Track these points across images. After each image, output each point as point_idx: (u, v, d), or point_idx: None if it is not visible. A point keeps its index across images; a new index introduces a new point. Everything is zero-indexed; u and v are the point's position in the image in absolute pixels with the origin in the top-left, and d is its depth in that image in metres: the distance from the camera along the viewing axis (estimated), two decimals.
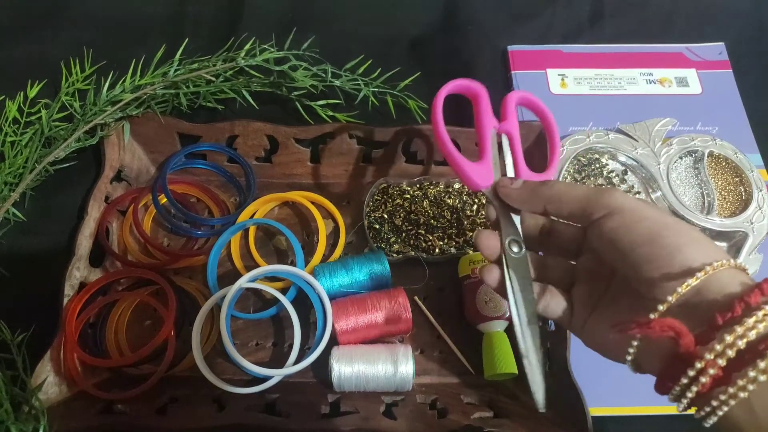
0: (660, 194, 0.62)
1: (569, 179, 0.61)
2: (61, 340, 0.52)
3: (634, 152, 0.63)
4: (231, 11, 0.78)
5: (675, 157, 0.64)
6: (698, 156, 0.64)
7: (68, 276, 0.54)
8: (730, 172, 0.64)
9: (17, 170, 0.61)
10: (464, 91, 0.52)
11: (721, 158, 0.65)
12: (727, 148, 0.65)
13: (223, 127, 0.63)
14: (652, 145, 0.64)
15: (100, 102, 0.62)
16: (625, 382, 0.57)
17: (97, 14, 0.78)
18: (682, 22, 0.80)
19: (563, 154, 0.62)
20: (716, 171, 0.64)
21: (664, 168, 0.63)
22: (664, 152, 0.64)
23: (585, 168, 0.62)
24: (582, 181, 0.62)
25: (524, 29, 0.79)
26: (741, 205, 0.62)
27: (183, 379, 0.54)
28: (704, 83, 0.74)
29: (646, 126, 0.65)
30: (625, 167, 0.64)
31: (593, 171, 0.63)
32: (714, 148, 0.65)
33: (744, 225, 0.60)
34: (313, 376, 0.55)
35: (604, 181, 0.62)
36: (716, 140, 0.65)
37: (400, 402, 0.52)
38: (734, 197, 0.63)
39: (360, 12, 0.80)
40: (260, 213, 0.63)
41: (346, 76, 0.66)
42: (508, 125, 0.49)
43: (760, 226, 0.60)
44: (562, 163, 0.62)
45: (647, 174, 0.63)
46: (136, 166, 0.64)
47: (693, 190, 0.64)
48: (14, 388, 0.47)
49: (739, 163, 0.64)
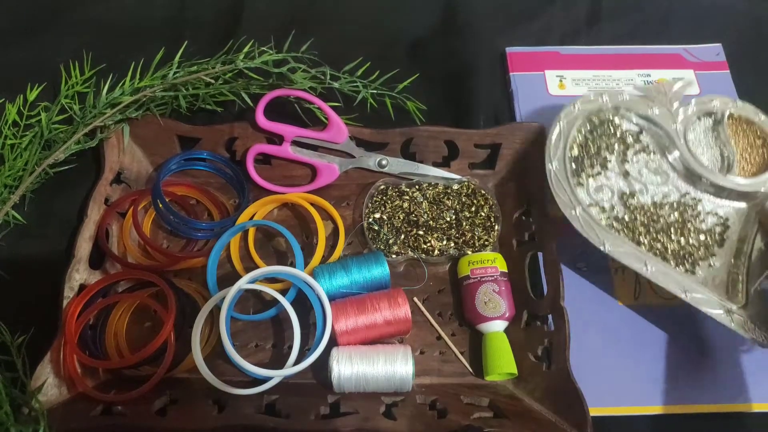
0: (677, 154, 0.59)
1: (580, 139, 0.59)
2: (60, 342, 0.52)
3: (650, 112, 0.60)
4: (230, 14, 0.78)
5: (693, 117, 0.61)
6: (717, 117, 0.61)
7: (68, 278, 0.54)
8: (752, 133, 0.62)
9: (17, 173, 0.61)
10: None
11: (742, 119, 0.62)
12: (749, 110, 0.62)
13: (222, 129, 0.63)
14: (669, 105, 0.61)
15: (99, 104, 0.62)
16: (625, 382, 0.57)
17: (97, 18, 0.78)
18: (680, 24, 0.80)
19: (574, 113, 0.59)
20: (737, 132, 0.62)
21: (681, 128, 0.60)
22: (682, 113, 0.61)
23: (598, 128, 0.60)
24: (594, 141, 0.59)
25: (522, 31, 0.79)
26: (764, 166, 0.60)
27: (183, 381, 0.54)
28: (702, 84, 0.75)
29: (662, 87, 0.62)
30: (640, 127, 0.61)
31: (606, 131, 0.60)
32: (734, 109, 0.62)
33: (765, 185, 0.58)
34: (312, 377, 0.55)
35: (618, 142, 0.60)
36: (737, 102, 0.62)
37: (400, 402, 0.52)
38: (756, 158, 0.61)
39: (359, 14, 0.80)
40: (259, 215, 0.63)
41: (344, 78, 0.67)
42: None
43: None
44: (572, 123, 0.59)
45: (663, 134, 0.60)
46: (135, 169, 0.64)
47: (711, 150, 0.61)
48: (14, 390, 0.47)
49: (761, 124, 0.61)
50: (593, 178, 0.58)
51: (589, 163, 0.58)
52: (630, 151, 0.60)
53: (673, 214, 0.58)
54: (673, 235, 0.57)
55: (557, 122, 0.59)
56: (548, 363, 0.53)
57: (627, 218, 0.57)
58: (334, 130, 0.62)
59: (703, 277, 0.56)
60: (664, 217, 0.57)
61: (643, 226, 0.57)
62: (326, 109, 0.62)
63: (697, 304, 0.52)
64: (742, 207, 0.59)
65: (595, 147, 0.59)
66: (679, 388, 0.56)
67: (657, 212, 0.58)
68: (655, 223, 0.57)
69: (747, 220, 0.58)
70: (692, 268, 0.56)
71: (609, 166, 0.59)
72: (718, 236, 0.58)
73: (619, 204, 0.58)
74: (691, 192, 0.59)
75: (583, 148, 0.59)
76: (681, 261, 0.56)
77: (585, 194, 0.57)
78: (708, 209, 0.59)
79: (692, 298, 0.53)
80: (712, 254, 0.57)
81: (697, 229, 0.58)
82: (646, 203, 0.58)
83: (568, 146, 0.58)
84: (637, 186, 0.59)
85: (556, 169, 0.57)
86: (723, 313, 0.53)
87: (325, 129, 0.63)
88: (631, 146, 0.60)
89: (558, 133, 0.58)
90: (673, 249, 0.56)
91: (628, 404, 0.56)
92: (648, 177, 0.59)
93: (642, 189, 0.59)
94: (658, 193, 0.59)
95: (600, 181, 0.58)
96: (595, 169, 0.59)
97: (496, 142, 0.63)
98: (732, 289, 0.55)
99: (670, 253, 0.56)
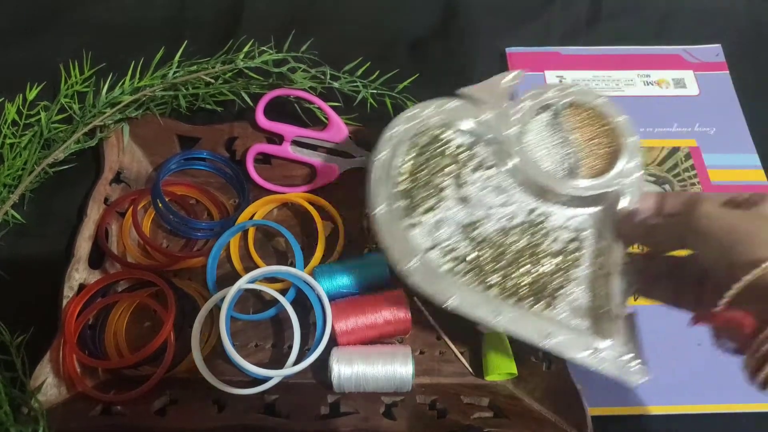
0: (516, 162, 0.49)
1: (409, 167, 0.49)
2: (60, 342, 0.52)
3: (480, 117, 0.50)
4: (230, 14, 0.78)
5: (529, 115, 0.51)
6: (556, 109, 0.52)
7: (67, 277, 0.54)
8: (597, 120, 0.52)
9: (16, 172, 0.61)
10: None
11: (582, 107, 0.52)
12: (588, 94, 0.52)
13: (222, 129, 0.63)
14: (499, 106, 0.51)
15: (99, 104, 0.62)
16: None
17: (97, 17, 0.78)
18: (679, 24, 0.80)
19: (397, 136, 0.50)
20: (581, 123, 0.52)
21: (515, 131, 0.50)
22: (514, 113, 0.51)
23: (426, 149, 0.50)
24: (425, 166, 0.49)
25: (522, 31, 0.79)
26: (613, 157, 0.50)
27: (182, 381, 0.54)
28: (701, 85, 0.75)
29: (490, 84, 0.52)
30: (473, 139, 0.51)
31: (437, 151, 0.50)
32: (572, 96, 0.52)
33: (616, 181, 0.48)
34: (312, 377, 0.55)
35: (451, 161, 0.50)
36: (572, 87, 0.52)
37: (400, 402, 0.52)
38: (603, 151, 0.51)
39: (359, 14, 0.80)
40: (259, 214, 0.63)
41: (344, 78, 0.67)
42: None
43: (634, 179, 0.48)
44: (396, 149, 0.50)
45: (498, 141, 0.50)
46: (135, 168, 0.64)
47: (556, 150, 0.51)
48: (14, 390, 0.47)
49: (603, 107, 0.51)
50: (431, 212, 0.49)
51: (423, 195, 0.49)
52: (466, 170, 0.50)
53: (522, 239, 0.48)
54: (524, 266, 0.47)
55: (377, 154, 0.49)
56: (548, 363, 0.53)
57: (472, 256, 0.47)
58: (334, 130, 0.62)
59: (566, 309, 0.46)
60: (512, 245, 0.48)
61: (492, 263, 0.47)
62: (326, 108, 0.62)
63: (558, 350, 0.44)
64: (597, 211, 0.49)
65: (428, 173, 0.49)
66: (680, 388, 0.56)
67: (504, 241, 0.48)
68: (504, 255, 0.48)
69: (604, 228, 0.48)
70: (551, 302, 0.46)
71: (445, 193, 0.49)
72: (574, 254, 0.48)
73: (462, 239, 0.48)
74: (539, 207, 0.49)
75: (414, 177, 0.49)
76: (538, 297, 0.46)
77: (423, 236, 0.48)
78: (559, 223, 0.49)
79: (551, 345, 0.44)
80: (570, 280, 0.47)
81: (549, 251, 0.48)
82: (491, 232, 0.48)
83: (393, 180, 0.48)
84: (479, 212, 0.49)
85: (381, 213, 0.47)
86: (589, 354, 0.44)
87: (325, 129, 0.63)
88: (465, 164, 0.50)
89: (380, 167, 0.49)
90: (528, 283, 0.47)
91: (628, 404, 0.56)
92: (489, 198, 0.49)
93: (485, 215, 0.49)
94: (503, 217, 0.49)
95: (438, 214, 0.49)
96: (430, 201, 0.49)
97: None
98: (598, 318, 0.46)
99: (524, 289, 0.47)
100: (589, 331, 0.46)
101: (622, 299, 0.45)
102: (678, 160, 0.69)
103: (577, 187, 0.49)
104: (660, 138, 0.71)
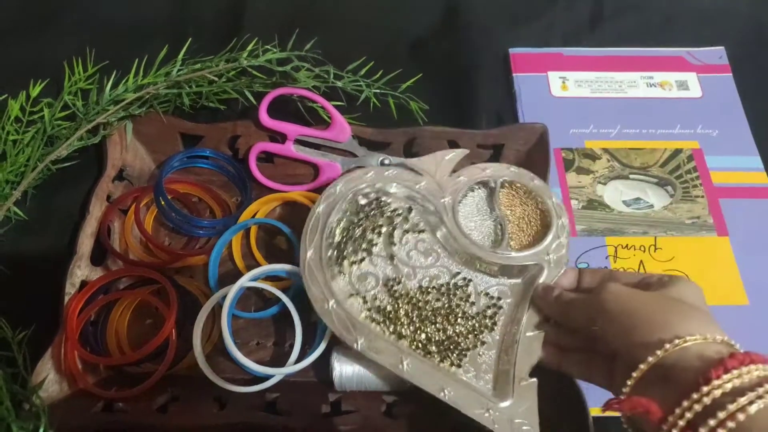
0: (446, 230, 0.53)
1: (344, 223, 0.54)
2: (62, 339, 0.52)
3: (417, 186, 0.55)
4: (234, 12, 0.78)
5: (464, 189, 0.56)
6: (491, 185, 0.56)
7: (69, 274, 0.54)
8: (529, 200, 0.56)
9: (19, 169, 0.61)
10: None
11: (518, 186, 0.57)
12: (524, 175, 0.57)
13: (225, 127, 0.63)
14: (438, 177, 0.56)
15: (102, 101, 0.62)
16: None
17: (100, 15, 0.78)
18: (682, 26, 0.80)
19: (335, 194, 0.54)
20: (513, 201, 0.57)
21: (449, 201, 0.54)
22: (452, 185, 0.55)
23: (364, 208, 0.55)
24: (360, 223, 0.54)
25: (525, 32, 0.79)
26: (540, 235, 0.54)
27: (184, 378, 0.54)
28: (704, 87, 0.75)
29: (434, 158, 0.57)
30: (409, 204, 0.56)
31: (373, 211, 0.55)
32: (509, 176, 0.56)
33: (539, 257, 0.52)
34: (313, 376, 0.55)
35: (386, 221, 0.54)
36: (511, 168, 0.57)
37: (401, 401, 0.52)
38: (532, 228, 0.55)
39: (362, 14, 0.80)
40: (261, 213, 0.63)
41: (348, 78, 0.67)
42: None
43: (558, 257, 0.52)
44: (333, 206, 0.54)
45: (432, 210, 0.54)
46: (138, 166, 0.64)
47: (488, 223, 0.56)
48: (15, 386, 0.47)
49: (536, 189, 0.56)
50: (357, 264, 0.53)
51: (353, 248, 0.53)
52: (398, 231, 0.54)
53: (441, 298, 0.52)
54: (438, 324, 0.50)
55: (316, 207, 0.54)
56: None
57: (390, 308, 0.51)
58: (337, 129, 0.62)
59: (472, 369, 0.49)
60: (430, 303, 0.51)
61: (407, 316, 0.50)
62: (329, 108, 0.62)
63: (455, 404, 0.46)
64: (517, 282, 0.53)
65: (361, 230, 0.54)
66: None
67: (423, 298, 0.51)
68: (420, 310, 0.51)
69: (522, 299, 0.51)
70: (458, 361, 0.49)
71: (375, 250, 0.53)
72: (489, 320, 0.51)
73: (383, 292, 0.52)
74: (463, 272, 0.53)
75: (347, 232, 0.54)
76: (446, 353, 0.49)
77: (346, 283, 0.52)
78: (480, 290, 0.52)
79: (450, 398, 0.46)
80: (481, 342, 0.50)
81: (466, 314, 0.51)
82: (412, 289, 0.52)
83: (327, 232, 0.52)
84: (404, 270, 0.53)
85: (310, 258, 0.51)
86: (484, 412, 0.46)
87: (328, 128, 0.63)
88: (399, 226, 0.54)
89: (315, 218, 0.53)
90: (438, 339, 0.50)
91: None
92: (417, 259, 0.53)
93: (410, 273, 0.53)
94: (426, 277, 0.53)
95: (364, 268, 0.53)
96: (359, 255, 0.53)
97: (498, 142, 0.63)
98: (502, 381, 0.48)
99: (434, 344, 0.50)
100: (491, 392, 0.48)
101: (526, 367, 0.48)
102: (680, 161, 0.69)
103: (502, 257, 0.52)
104: (663, 140, 0.71)
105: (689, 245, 0.64)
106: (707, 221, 0.66)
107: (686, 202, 0.67)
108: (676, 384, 0.35)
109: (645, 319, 0.39)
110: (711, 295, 0.61)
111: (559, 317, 0.49)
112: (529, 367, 0.48)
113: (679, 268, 0.63)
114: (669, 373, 0.36)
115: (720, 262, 0.63)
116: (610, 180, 0.69)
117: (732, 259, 0.63)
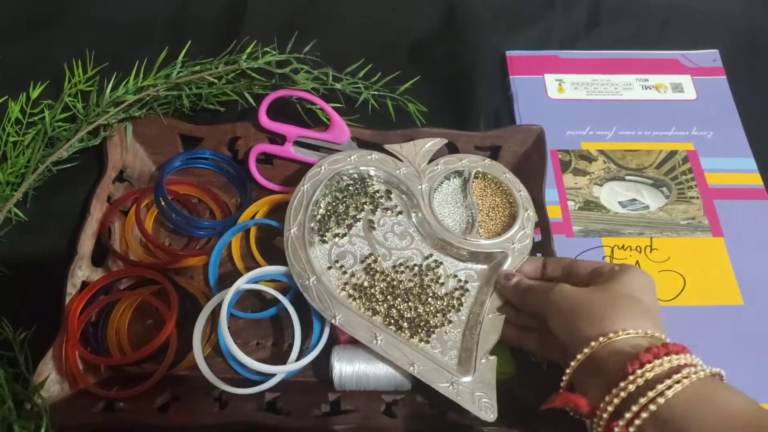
0: (421, 215, 0.57)
1: (330, 198, 0.57)
2: (63, 339, 0.52)
3: (397, 172, 0.58)
4: (233, 14, 0.79)
5: (440, 177, 0.59)
6: (465, 176, 0.60)
7: (70, 275, 0.54)
8: (500, 192, 0.60)
9: (20, 170, 0.61)
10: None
11: (490, 178, 0.60)
12: (497, 168, 0.60)
13: (225, 129, 0.64)
14: (417, 165, 0.59)
15: (103, 103, 0.62)
16: None
17: (100, 17, 0.78)
18: (678, 29, 0.81)
19: (320, 174, 0.58)
20: (485, 191, 0.60)
21: (426, 188, 0.58)
22: (429, 172, 0.59)
23: (348, 187, 0.58)
24: (343, 201, 0.57)
25: (522, 35, 0.80)
26: (508, 225, 0.57)
27: (184, 378, 0.54)
28: (699, 89, 0.76)
29: (414, 146, 0.61)
30: (389, 188, 0.59)
31: (356, 191, 0.58)
32: (482, 168, 0.60)
33: (505, 245, 0.55)
34: (313, 375, 0.55)
35: (368, 200, 0.58)
36: (486, 160, 0.60)
37: (400, 401, 0.52)
38: (501, 218, 0.58)
39: (361, 16, 0.81)
40: (261, 214, 0.63)
41: (346, 80, 0.67)
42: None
43: (522, 246, 0.55)
44: (317, 185, 0.57)
45: (410, 194, 0.58)
46: (138, 167, 0.64)
47: (460, 211, 0.59)
48: (17, 386, 0.47)
49: (506, 182, 0.59)
50: (339, 238, 0.56)
51: (336, 221, 0.57)
52: (378, 212, 0.58)
53: (414, 279, 0.55)
54: (410, 302, 0.54)
55: (300, 186, 0.57)
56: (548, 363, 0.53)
57: (366, 284, 0.54)
58: (336, 131, 0.63)
59: (438, 346, 0.52)
60: (403, 282, 0.55)
61: (381, 294, 0.54)
62: (328, 109, 0.63)
63: (423, 377, 0.49)
64: (484, 268, 0.56)
65: (344, 206, 0.57)
66: None
67: (397, 277, 0.55)
68: (394, 289, 0.54)
69: (487, 283, 0.55)
70: (427, 337, 0.52)
71: (355, 229, 0.57)
72: (456, 301, 0.54)
73: (360, 269, 0.55)
74: (434, 255, 0.56)
75: (332, 207, 0.57)
76: (416, 330, 0.53)
77: (325, 256, 0.55)
78: (449, 272, 0.56)
79: (419, 372, 0.50)
80: (448, 321, 0.53)
81: (435, 294, 0.54)
82: (387, 268, 0.55)
83: (311, 209, 0.55)
84: (381, 250, 0.56)
85: (293, 235, 0.54)
86: (449, 385, 0.49)
87: (327, 129, 0.63)
88: (379, 207, 0.58)
89: (300, 196, 0.56)
90: (410, 317, 0.53)
91: None
92: (393, 240, 0.57)
93: (386, 253, 0.56)
94: (401, 257, 0.56)
95: (344, 245, 0.56)
96: (341, 228, 0.56)
97: (496, 144, 0.64)
98: (465, 357, 0.51)
99: (405, 321, 0.53)
100: (455, 367, 0.51)
101: (487, 346, 0.51)
102: (675, 163, 0.70)
103: (471, 244, 0.56)
104: (658, 141, 0.72)
105: (684, 246, 0.65)
106: (702, 222, 0.66)
107: (681, 203, 0.68)
108: (606, 376, 0.39)
109: (585, 315, 0.43)
110: (706, 295, 0.62)
111: (516, 302, 0.52)
112: (490, 346, 0.51)
113: (674, 269, 0.63)
114: (600, 366, 0.40)
115: (715, 263, 0.64)
116: (607, 181, 0.69)
117: (727, 260, 0.64)
